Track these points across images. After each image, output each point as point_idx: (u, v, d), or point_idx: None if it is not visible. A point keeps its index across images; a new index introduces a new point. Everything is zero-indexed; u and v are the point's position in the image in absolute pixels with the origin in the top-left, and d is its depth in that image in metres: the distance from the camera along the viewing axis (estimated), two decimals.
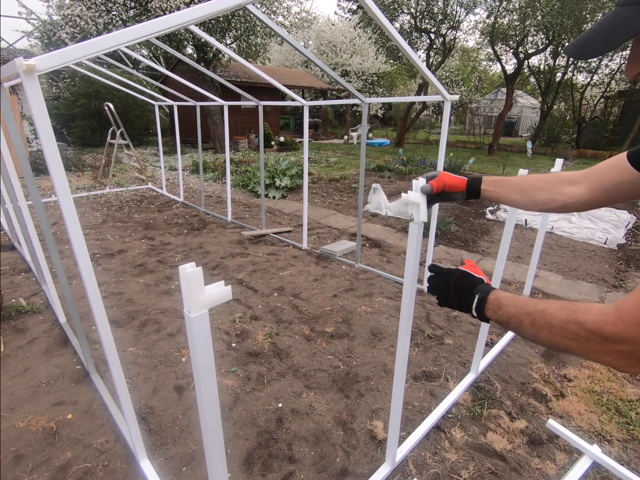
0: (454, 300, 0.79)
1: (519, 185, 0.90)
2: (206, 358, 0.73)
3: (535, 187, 0.87)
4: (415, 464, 1.65)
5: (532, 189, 0.88)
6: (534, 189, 0.88)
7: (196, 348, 0.71)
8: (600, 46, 0.53)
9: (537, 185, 0.87)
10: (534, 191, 0.88)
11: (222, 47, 3.25)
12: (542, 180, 0.88)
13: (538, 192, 0.87)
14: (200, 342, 0.71)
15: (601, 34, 0.53)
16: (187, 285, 0.65)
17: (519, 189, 0.90)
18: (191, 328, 0.68)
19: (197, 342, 0.70)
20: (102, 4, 8.18)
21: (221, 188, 7.30)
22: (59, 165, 1.03)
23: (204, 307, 0.68)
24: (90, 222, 4.95)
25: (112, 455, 1.65)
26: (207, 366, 0.73)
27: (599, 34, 0.54)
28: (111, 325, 2.55)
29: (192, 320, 0.67)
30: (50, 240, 1.88)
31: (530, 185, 0.88)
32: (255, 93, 4.58)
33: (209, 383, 0.75)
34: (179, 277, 0.66)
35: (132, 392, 2.01)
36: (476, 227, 5.20)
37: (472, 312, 0.74)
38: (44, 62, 0.95)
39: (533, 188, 0.88)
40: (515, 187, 0.91)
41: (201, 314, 0.68)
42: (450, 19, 12.63)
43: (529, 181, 0.89)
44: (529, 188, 0.88)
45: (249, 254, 3.98)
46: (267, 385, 2.10)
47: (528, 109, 23.39)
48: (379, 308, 2.95)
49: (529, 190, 0.88)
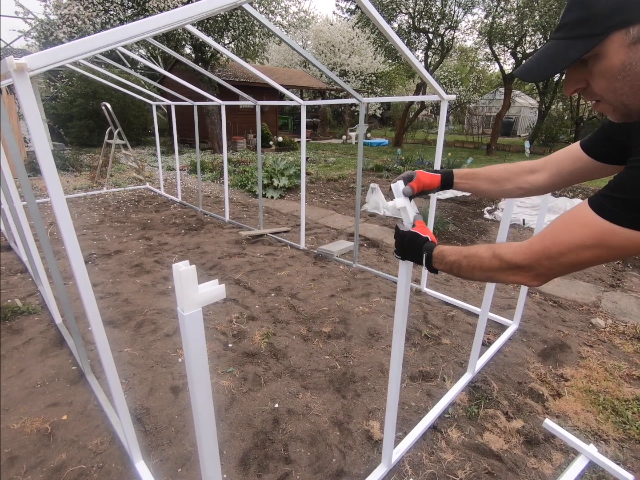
0: (409, 257, 0.98)
1: (489, 177, 1.02)
2: (200, 357, 0.72)
3: (503, 178, 1.00)
4: (411, 464, 1.65)
5: (501, 180, 1.00)
6: (502, 180, 1.00)
7: (189, 346, 0.70)
8: (544, 72, 0.63)
9: (504, 177, 1.00)
10: (502, 182, 1.00)
11: (220, 47, 3.25)
12: (508, 172, 1.00)
13: (505, 183, 1.00)
14: (194, 340, 0.70)
15: (544, 61, 0.63)
16: (180, 284, 0.64)
17: (489, 180, 1.02)
18: (185, 326, 0.68)
19: (190, 341, 0.70)
20: (100, 4, 8.16)
21: (219, 188, 7.29)
22: (51, 165, 1.03)
23: (198, 306, 0.68)
24: (87, 222, 4.94)
25: (107, 456, 1.65)
26: (201, 365, 0.73)
27: (541, 61, 0.63)
28: (107, 325, 2.54)
29: (185, 318, 0.67)
30: (45, 241, 1.87)
31: (499, 176, 1.01)
32: (253, 93, 4.58)
33: (203, 382, 0.74)
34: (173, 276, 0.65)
35: (128, 392, 2.00)
36: (474, 226, 5.21)
37: (424, 266, 0.91)
38: (35, 61, 0.95)
39: (501, 179, 1.00)
40: (485, 178, 1.02)
41: (195, 312, 0.68)
42: (448, 19, 12.63)
43: (497, 173, 1.01)
44: (498, 179, 1.01)
45: (246, 254, 3.97)
46: (263, 385, 2.10)
47: (526, 109, 23.41)
48: (376, 308, 2.95)
49: (498, 181, 1.01)
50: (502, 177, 1.00)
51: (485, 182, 1.03)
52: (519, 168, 0.99)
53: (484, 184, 1.03)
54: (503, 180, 1.00)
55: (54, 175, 1.03)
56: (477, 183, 1.04)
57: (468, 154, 12.22)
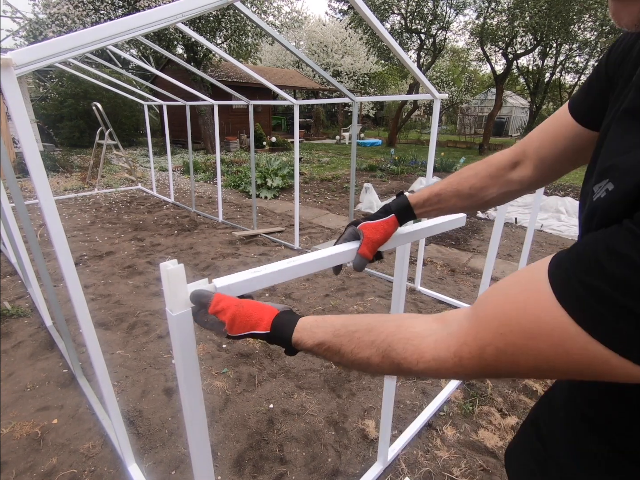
0: None
1: (458, 194, 0.77)
2: (190, 359, 0.71)
3: (479, 188, 0.75)
4: (407, 462, 1.65)
5: (477, 190, 0.76)
6: (479, 190, 0.76)
7: (179, 348, 0.69)
8: None
9: (480, 185, 0.75)
10: (480, 192, 0.76)
11: (212, 47, 3.22)
12: (482, 177, 0.75)
13: (486, 191, 0.75)
14: (183, 342, 0.69)
15: None
16: (168, 283, 0.63)
17: (460, 197, 0.77)
18: (173, 327, 0.66)
19: (179, 342, 0.68)
20: (90, 3, 8.08)
21: (212, 188, 7.25)
22: (40, 166, 1.00)
23: (187, 306, 0.66)
24: (78, 223, 4.87)
25: (99, 460, 1.62)
26: (191, 367, 0.71)
27: None
28: (99, 327, 2.50)
29: (174, 318, 0.65)
30: (34, 242, 1.84)
31: (472, 187, 0.76)
32: (246, 93, 4.56)
33: (193, 385, 0.73)
34: (160, 275, 0.64)
35: (120, 395, 1.97)
36: (467, 225, 5.24)
37: None
38: (22, 56, 0.92)
39: (477, 189, 0.76)
40: (454, 196, 0.78)
41: (184, 312, 0.66)
42: (440, 20, 12.72)
43: (467, 184, 0.76)
44: (472, 192, 0.76)
45: (240, 254, 3.95)
46: (258, 386, 2.08)
47: (517, 109, 23.66)
48: (370, 307, 2.95)
49: (474, 195, 0.76)
50: (477, 187, 0.75)
51: (457, 199, 0.77)
52: (495, 167, 0.74)
53: (458, 202, 0.78)
54: (480, 190, 0.75)
55: (43, 175, 1.01)
56: (447, 205, 0.79)
57: (461, 153, 12.30)
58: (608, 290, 0.30)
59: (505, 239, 4.68)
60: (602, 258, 0.32)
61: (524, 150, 0.71)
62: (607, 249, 0.32)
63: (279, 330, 0.58)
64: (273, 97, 14.71)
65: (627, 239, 0.30)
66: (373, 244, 0.78)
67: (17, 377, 2.08)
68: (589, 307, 0.32)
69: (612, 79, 0.52)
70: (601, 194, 0.37)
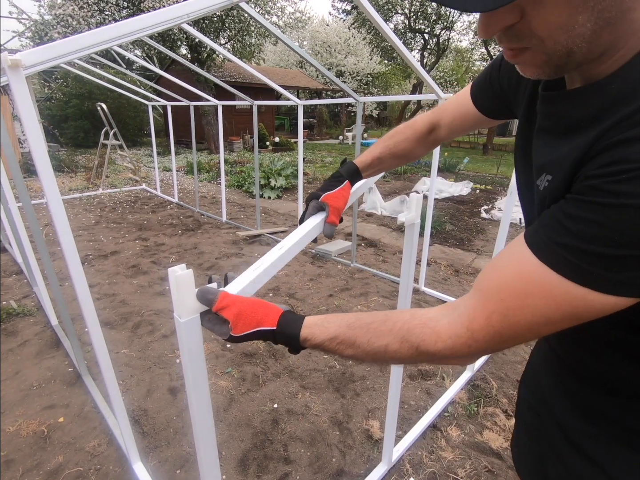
0: None
1: (394, 156, 0.94)
2: (197, 364, 0.70)
3: (409, 150, 0.93)
4: (411, 463, 1.64)
5: (407, 152, 0.94)
6: (409, 152, 0.94)
7: (186, 354, 0.68)
8: None
9: (410, 148, 0.93)
10: (410, 153, 0.94)
11: (216, 47, 3.23)
12: (411, 141, 0.92)
13: (414, 152, 0.94)
14: (191, 347, 0.68)
15: None
16: (176, 289, 0.62)
17: (395, 158, 0.95)
18: (181, 333, 0.66)
19: (187, 348, 0.67)
20: (95, 4, 8.13)
21: (216, 189, 7.27)
22: (48, 166, 1.01)
23: (195, 312, 0.65)
24: (83, 223, 4.90)
25: (105, 458, 1.63)
26: (199, 372, 0.71)
27: None
28: (104, 327, 2.52)
29: (182, 325, 0.64)
30: (40, 242, 1.85)
31: (404, 150, 0.93)
32: (250, 93, 4.57)
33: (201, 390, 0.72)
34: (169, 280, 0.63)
35: (125, 394, 1.98)
36: (471, 226, 5.22)
37: None
38: (30, 57, 0.93)
39: (407, 151, 0.94)
40: (391, 158, 0.94)
41: (192, 318, 0.65)
42: (444, 20, 12.69)
43: (400, 147, 0.93)
44: (405, 154, 0.94)
45: (244, 254, 3.95)
46: (262, 385, 2.09)
47: None
48: (374, 307, 2.94)
49: (406, 156, 0.95)
50: (408, 149, 0.94)
51: (393, 160, 0.96)
52: (419, 132, 0.91)
53: (393, 163, 0.97)
54: (410, 152, 0.95)
55: (50, 175, 1.02)
56: (384, 166, 0.97)
57: (464, 153, 12.26)
58: (574, 242, 0.40)
59: (509, 240, 4.65)
60: (564, 221, 0.42)
61: (439, 120, 0.88)
62: (564, 215, 0.42)
63: (286, 326, 0.59)
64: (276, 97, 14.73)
65: (575, 204, 0.41)
66: (338, 211, 0.90)
67: (23, 376, 2.10)
68: (564, 259, 0.41)
69: (505, 89, 0.69)
70: (544, 184, 0.49)
